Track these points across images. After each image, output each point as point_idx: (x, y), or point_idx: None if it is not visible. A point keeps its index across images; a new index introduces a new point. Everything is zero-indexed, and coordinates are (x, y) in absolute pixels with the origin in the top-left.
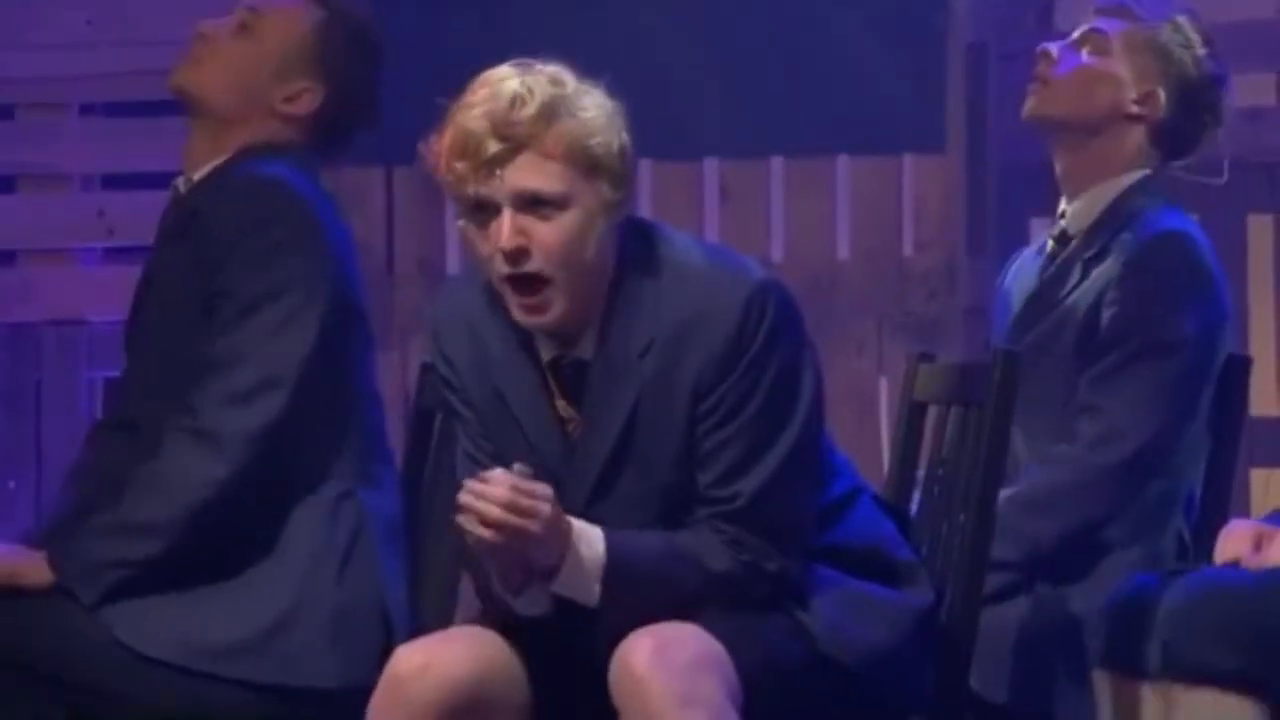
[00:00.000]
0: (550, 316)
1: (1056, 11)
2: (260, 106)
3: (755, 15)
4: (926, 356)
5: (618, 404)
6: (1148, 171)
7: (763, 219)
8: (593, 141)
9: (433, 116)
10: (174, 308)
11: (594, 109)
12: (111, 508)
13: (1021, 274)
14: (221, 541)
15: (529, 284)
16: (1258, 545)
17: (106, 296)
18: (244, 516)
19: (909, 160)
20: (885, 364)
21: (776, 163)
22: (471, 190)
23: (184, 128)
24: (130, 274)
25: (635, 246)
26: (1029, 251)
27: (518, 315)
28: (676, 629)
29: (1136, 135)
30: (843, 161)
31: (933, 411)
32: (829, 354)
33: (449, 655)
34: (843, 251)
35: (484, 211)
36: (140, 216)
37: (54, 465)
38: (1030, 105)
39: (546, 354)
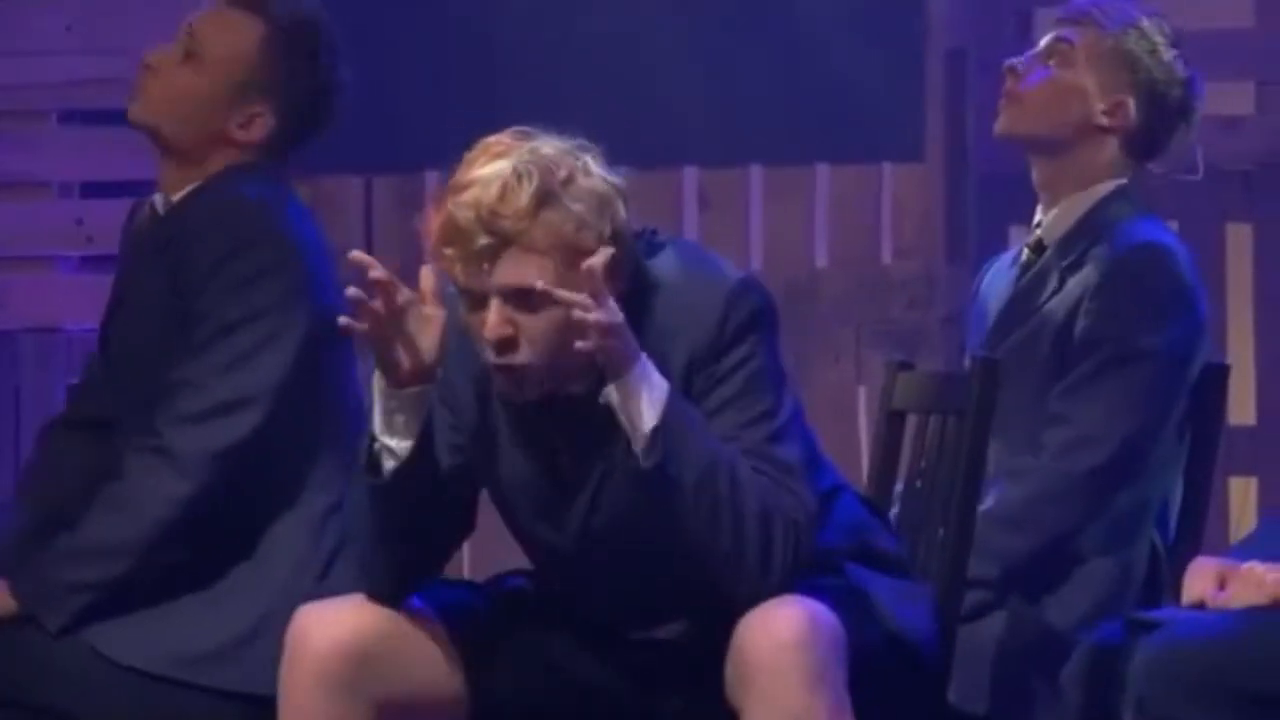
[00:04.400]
0: (527, 396)
1: (1036, 19)
2: (215, 136)
3: (735, 23)
4: (905, 365)
5: (603, 427)
6: (1123, 180)
7: (742, 227)
8: (581, 235)
9: (410, 126)
10: (150, 324)
11: (586, 197)
12: (73, 530)
13: (996, 281)
14: (192, 557)
15: (513, 367)
16: (1222, 584)
17: (84, 304)
18: (218, 532)
19: (888, 168)
20: (864, 373)
21: (756, 171)
22: (461, 281)
23: None
24: (109, 282)
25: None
26: (1005, 258)
27: (498, 387)
28: (812, 604)
29: (1109, 146)
30: (822, 170)
31: (912, 420)
32: (808, 362)
33: (344, 607)
34: (821, 260)
35: (473, 297)
36: (119, 225)
37: None
38: (1001, 123)
39: None
